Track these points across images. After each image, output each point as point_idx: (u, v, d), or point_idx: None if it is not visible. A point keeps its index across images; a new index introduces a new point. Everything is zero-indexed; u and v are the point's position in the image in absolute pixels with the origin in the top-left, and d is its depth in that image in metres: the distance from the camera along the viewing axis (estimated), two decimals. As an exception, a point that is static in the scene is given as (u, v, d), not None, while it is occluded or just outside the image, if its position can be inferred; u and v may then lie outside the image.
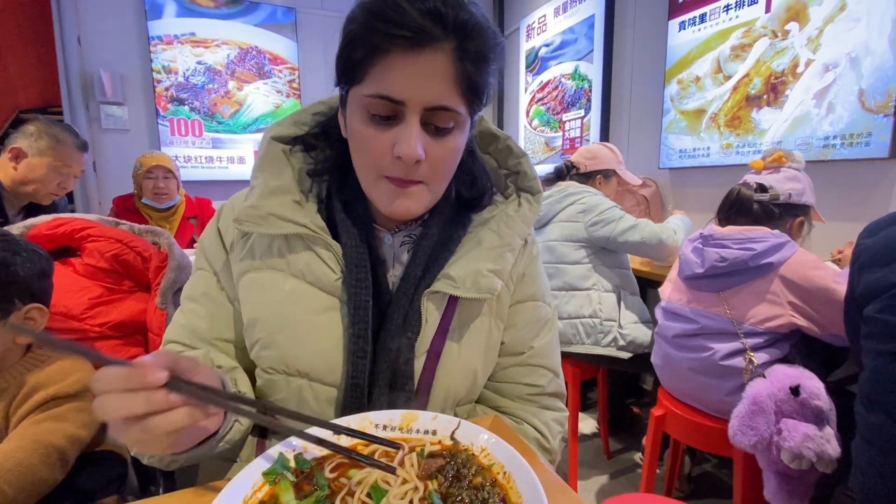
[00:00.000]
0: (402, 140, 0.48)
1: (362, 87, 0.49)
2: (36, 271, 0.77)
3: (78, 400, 0.76)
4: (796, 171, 1.25)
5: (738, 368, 1.16)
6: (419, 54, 0.46)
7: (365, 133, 0.50)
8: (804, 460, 0.99)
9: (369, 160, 0.52)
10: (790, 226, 1.24)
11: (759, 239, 1.14)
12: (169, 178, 2.12)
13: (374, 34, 0.46)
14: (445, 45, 0.46)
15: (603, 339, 1.63)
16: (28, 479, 0.66)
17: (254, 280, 0.58)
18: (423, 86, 0.47)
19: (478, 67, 0.48)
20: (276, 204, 0.56)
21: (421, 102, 0.48)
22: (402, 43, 0.45)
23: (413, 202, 0.53)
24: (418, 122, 0.49)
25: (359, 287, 0.55)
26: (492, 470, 0.42)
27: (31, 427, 0.70)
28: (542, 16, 3.10)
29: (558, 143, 3.03)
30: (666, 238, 1.58)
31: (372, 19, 0.46)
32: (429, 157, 0.50)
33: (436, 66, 0.46)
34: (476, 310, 0.61)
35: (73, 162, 1.52)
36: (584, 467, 1.85)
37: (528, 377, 0.66)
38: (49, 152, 1.45)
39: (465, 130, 0.53)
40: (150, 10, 2.82)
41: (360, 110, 0.50)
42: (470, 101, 0.50)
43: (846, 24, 1.55)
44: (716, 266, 1.18)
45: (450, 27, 0.46)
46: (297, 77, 3.22)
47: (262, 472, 0.42)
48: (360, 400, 0.55)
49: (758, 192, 1.23)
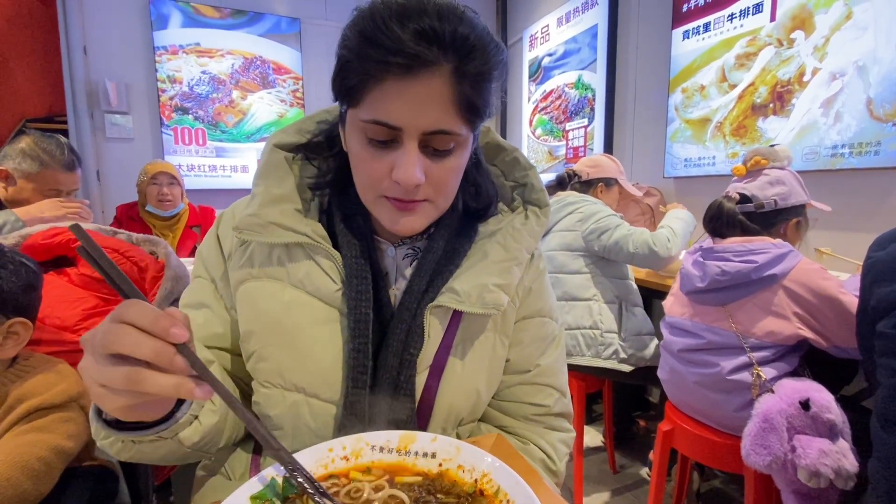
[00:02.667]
0: (400, 165, 0.47)
1: (359, 112, 0.47)
2: (21, 285, 0.75)
3: (63, 410, 0.74)
4: (780, 172, 1.20)
5: (745, 383, 1.12)
6: (415, 79, 0.44)
7: (363, 156, 0.49)
8: (822, 478, 0.95)
9: (368, 182, 0.51)
10: (785, 230, 1.20)
11: (761, 250, 1.11)
12: (173, 184, 2.12)
13: (368, 62, 0.44)
14: (443, 67, 0.44)
15: (604, 352, 1.59)
16: (12, 493, 0.64)
17: (252, 289, 0.56)
18: (421, 112, 0.45)
19: (477, 88, 0.46)
20: (277, 212, 0.54)
21: (419, 128, 0.46)
22: (398, 70, 0.43)
23: (416, 220, 0.52)
24: (416, 146, 0.47)
25: (359, 299, 0.53)
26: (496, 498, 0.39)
27: (15, 439, 0.68)
28: (544, 26, 3.11)
29: (562, 152, 3.02)
30: (659, 248, 1.52)
31: (365, 45, 0.43)
32: (430, 178, 0.49)
33: (433, 91, 0.44)
34: (480, 325, 0.59)
35: (59, 185, 1.45)
36: (590, 482, 1.81)
37: (534, 396, 0.64)
38: (34, 177, 1.41)
39: (467, 148, 0.52)
40: (156, 20, 2.84)
41: (357, 133, 0.49)
42: (470, 120, 0.48)
43: (853, 33, 1.53)
44: (717, 280, 1.15)
45: (448, 46, 0.43)
46: (301, 86, 3.23)
47: (251, 495, 0.40)
48: (360, 417, 0.53)
49: (740, 202, 1.19)
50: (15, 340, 0.75)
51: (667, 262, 1.56)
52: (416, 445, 0.45)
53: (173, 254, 1.07)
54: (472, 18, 0.45)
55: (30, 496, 0.66)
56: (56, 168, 1.44)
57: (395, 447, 0.45)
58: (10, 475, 0.64)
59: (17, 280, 0.74)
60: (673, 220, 1.64)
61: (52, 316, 0.90)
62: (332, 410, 0.54)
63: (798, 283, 1.08)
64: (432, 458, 0.44)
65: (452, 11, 0.44)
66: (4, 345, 0.74)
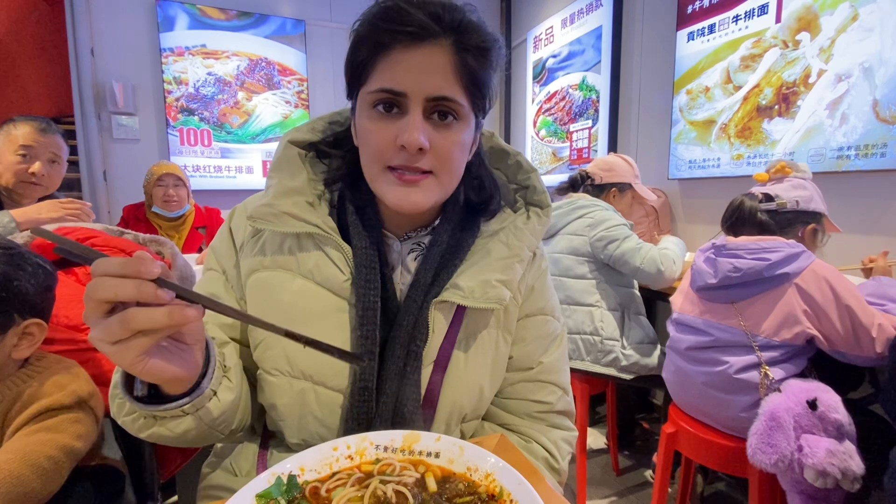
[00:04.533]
0: (405, 129, 0.49)
1: (368, 86, 0.51)
2: (40, 286, 0.76)
3: (73, 411, 0.75)
4: (802, 180, 1.22)
5: (753, 383, 1.12)
6: (419, 47, 0.48)
7: (370, 128, 0.52)
8: (829, 478, 0.95)
9: (375, 152, 0.52)
10: (802, 234, 1.20)
11: (774, 249, 1.10)
12: (179, 185, 2.13)
13: (378, 32, 0.49)
14: (444, 40, 0.49)
15: (603, 359, 1.59)
16: (21, 492, 0.64)
17: (262, 279, 0.58)
18: (424, 77, 0.49)
19: (477, 60, 0.50)
20: (290, 203, 0.56)
21: (422, 93, 0.49)
22: (404, 38, 0.48)
23: (420, 195, 0.53)
24: (421, 112, 0.50)
25: (367, 288, 0.55)
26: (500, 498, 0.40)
27: (24, 439, 0.69)
28: (549, 27, 3.11)
29: (566, 154, 3.02)
30: (665, 269, 1.53)
31: (377, 19, 0.49)
32: (433, 148, 0.51)
33: (436, 58, 0.49)
34: (484, 321, 0.60)
35: (30, 141, 1.44)
36: (593, 485, 1.81)
37: (536, 394, 0.65)
38: (2, 137, 1.42)
39: (470, 126, 0.54)
40: (163, 22, 2.86)
41: (365, 108, 0.52)
42: (471, 93, 0.52)
43: (859, 34, 1.53)
44: (729, 276, 1.15)
45: (449, 25, 0.49)
46: (306, 88, 3.25)
47: (257, 493, 0.40)
48: (368, 405, 0.54)
49: (763, 201, 1.20)
50: (30, 341, 0.75)
51: (666, 283, 1.57)
52: (420, 445, 0.46)
53: (180, 254, 1.08)
54: (474, 14, 0.51)
55: (38, 494, 0.67)
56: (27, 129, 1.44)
57: (399, 446, 0.46)
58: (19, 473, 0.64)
59: (34, 282, 0.75)
60: (671, 244, 1.65)
61: (61, 315, 0.90)
62: (339, 399, 0.55)
63: (810, 282, 1.07)
64: (436, 457, 0.45)
65: (459, 7, 0.50)
66: (20, 345, 0.74)
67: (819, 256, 1.13)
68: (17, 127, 1.45)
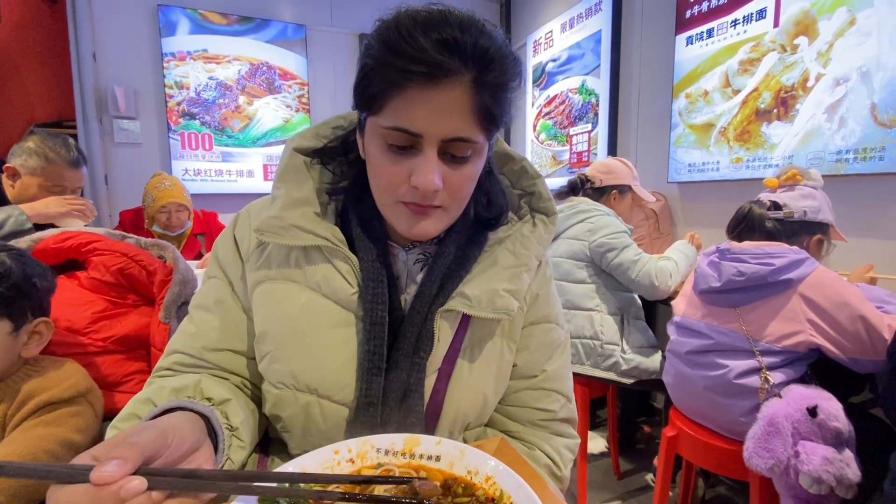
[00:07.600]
0: (420, 171, 0.48)
1: (380, 119, 0.48)
2: (48, 286, 0.79)
3: (71, 405, 0.75)
4: (812, 189, 1.22)
5: (753, 388, 1.12)
6: (436, 88, 0.45)
7: (383, 161, 0.50)
8: (823, 485, 0.95)
9: (387, 185, 0.51)
10: (807, 244, 1.21)
11: (779, 254, 1.11)
12: (181, 211, 2.09)
13: (391, 69, 0.45)
14: (464, 76, 0.45)
15: (603, 363, 1.59)
16: (20, 485, 0.65)
17: (268, 291, 0.57)
18: (441, 119, 0.46)
19: (496, 97, 0.48)
20: (297, 215, 0.55)
21: (439, 135, 0.47)
22: (420, 79, 0.45)
23: (431, 225, 0.53)
24: (436, 153, 0.48)
25: (375, 303, 0.54)
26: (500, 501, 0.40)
27: (24, 433, 0.70)
28: (548, 31, 3.13)
29: (566, 157, 3.03)
30: (659, 283, 1.54)
31: (388, 54, 0.45)
32: (447, 184, 0.50)
33: (453, 99, 0.46)
34: (489, 330, 0.59)
35: (63, 181, 1.48)
36: (594, 489, 1.80)
37: (540, 401, 0.64)
38: (39, 172, 1.43)
39: (483, 155, 0.53)
40: (164, 27, 2.88)
41: (377, 139, 0.50)
42: (487, 128, 0.50)
43: (856, 39, 1.54)
44: (733, 280, 1.15)
45: (468, 57, 0.45)
46: (307, 92, 3.26)
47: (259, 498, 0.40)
48: (374, 419, 0.53)
49: (771, 209, 1.20)
50: (38, 340, 0.77)
51: (661, 296, 1.57)
52: (420, 448, 0.46)
53: (181, 258, 1.08)
54: (492, 31, 0.47)
55: (38, 489, 0.67)
56: (60, 164, 1.47)
57: (399, 450, 0.46)
58: None
59: (45, 283, 0.78)
60: (679, 255, 1.65)
61: (63, 319, 0.91)
62: (344, 413, 0.55)
63: (814, 290, 1.07)
64: (437, 461, 0.45)
65: (474, 24, 0.46)
66: (29, 344, 0.76)
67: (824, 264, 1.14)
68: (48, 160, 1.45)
